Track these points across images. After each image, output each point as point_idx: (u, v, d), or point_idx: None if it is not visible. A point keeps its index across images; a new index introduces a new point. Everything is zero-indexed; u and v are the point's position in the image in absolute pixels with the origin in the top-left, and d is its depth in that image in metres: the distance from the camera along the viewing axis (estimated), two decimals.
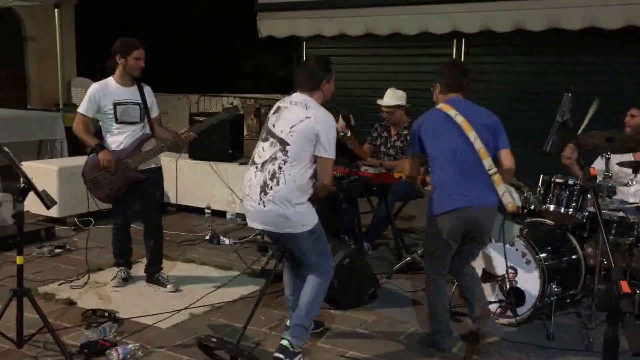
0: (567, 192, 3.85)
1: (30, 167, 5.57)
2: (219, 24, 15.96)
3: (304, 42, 9.14)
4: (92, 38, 11.96)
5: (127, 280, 4.40)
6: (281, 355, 3.11)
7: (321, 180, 3.13)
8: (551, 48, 7.53)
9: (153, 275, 4.39)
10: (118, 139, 4.16)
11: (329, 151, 3.10)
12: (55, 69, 8.18)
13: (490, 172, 3.22)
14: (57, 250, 5.06)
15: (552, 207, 3.93)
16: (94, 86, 4.19)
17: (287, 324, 3.37)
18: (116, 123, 4.15)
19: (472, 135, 3.23)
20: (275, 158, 3.08)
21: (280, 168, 3.06)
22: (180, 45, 16.06)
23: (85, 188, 4.26)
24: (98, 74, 4.63)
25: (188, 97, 10.97)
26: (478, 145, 3.22)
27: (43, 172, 5.71)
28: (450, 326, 3.48)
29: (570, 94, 2.34)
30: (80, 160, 6.55)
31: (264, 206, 3.07)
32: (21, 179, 3.22)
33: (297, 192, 3.06)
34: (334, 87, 3.30)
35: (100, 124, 4.25)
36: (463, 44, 8.02)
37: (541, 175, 4.10)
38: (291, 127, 3.09)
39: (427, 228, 3.43)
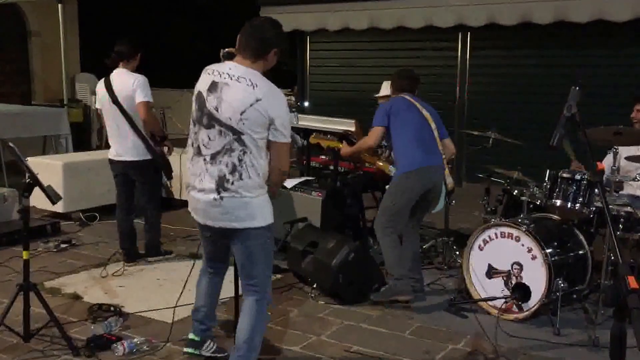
0: (574, 187, 3.82)
1: (35, 163, 5.57)
2: (221, 18, 15.93)
3: (308, 37, 9.11)
4: (95, 33, 11.95)
5: None
6: None
7: (278, 166, 2.73)
8: (558, 41, 7.47)
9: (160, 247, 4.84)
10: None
11: (286, 135, 2.70)
12: (59, 65, 8.18)
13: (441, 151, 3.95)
14: (63, 245, 5.08)
15: (558, 202, 3.88)
16: (143, 76, 4.40)
17: (190, 337, 3.13)
18: None
19: (429, 118, 3.95)
20: (232, 149, 2.65)
21: (241, 160, 2.65)
22: (183, 40, 16.04)
23: (88, 183, 4.28)
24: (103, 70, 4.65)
25: (191, 91, 10.92)
26: (434, 126, 3.96)
27: (48, 168, 5.72)
28: (411, 272, 3.88)
29: (577, 88, 2.31)
30: (84, 156, 6.61)
31: (222, 199, 2.70)
32: (26, 174, 3.24)
33: (261, 182, 2.73)
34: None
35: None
36: (468, 38, 7.97)
37: (547, 170, 4.07)
38: (241, 114, 2.62)
39: (390, 187, 3.98)
